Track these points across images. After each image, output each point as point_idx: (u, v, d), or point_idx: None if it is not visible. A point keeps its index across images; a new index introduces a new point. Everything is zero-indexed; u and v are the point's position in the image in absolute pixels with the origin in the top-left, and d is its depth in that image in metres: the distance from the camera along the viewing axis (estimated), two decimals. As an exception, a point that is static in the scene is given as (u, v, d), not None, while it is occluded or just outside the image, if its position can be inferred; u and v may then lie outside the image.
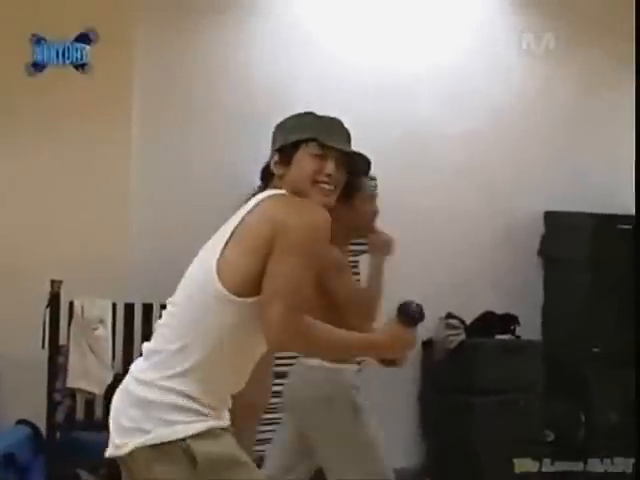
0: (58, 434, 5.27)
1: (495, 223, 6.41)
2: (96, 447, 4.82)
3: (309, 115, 2.55)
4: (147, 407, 2.34)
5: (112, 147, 5.70)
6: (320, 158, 2.42)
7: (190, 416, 2.31)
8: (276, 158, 2.46)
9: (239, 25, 5.86)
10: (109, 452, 2.43)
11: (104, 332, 5.24)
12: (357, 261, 4.72)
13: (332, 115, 2.61)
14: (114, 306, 5.29)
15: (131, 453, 2.35)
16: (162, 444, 2.30)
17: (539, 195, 6.42)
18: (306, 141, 2.43)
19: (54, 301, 5.15)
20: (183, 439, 2.28)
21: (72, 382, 5.23)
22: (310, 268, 2.32)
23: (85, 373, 5.23)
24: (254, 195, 2.48)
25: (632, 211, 5.51)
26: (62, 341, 5.25)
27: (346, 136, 2.52)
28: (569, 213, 6.27)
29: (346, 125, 2.66)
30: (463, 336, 6.08)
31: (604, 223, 5.97)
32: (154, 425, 2.33)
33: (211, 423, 2.33)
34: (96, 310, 5.25)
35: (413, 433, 6.34)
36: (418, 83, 6.23)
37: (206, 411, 2.32)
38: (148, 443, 2.31)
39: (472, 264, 6.41)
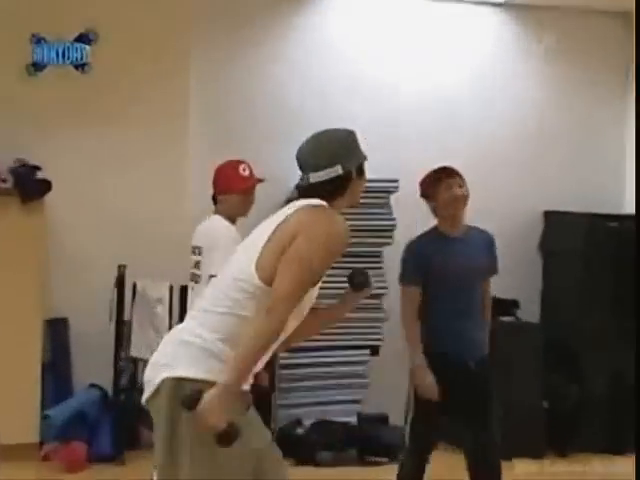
0: (122, 396, 5.65)
1: (502, 221, 6.27)
2: (155, 408, 5.52)
3: (355, 135, 2.63)
4: (180, 346, 2.46)
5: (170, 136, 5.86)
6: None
7: (208, 364, 2.39)
8: (354, 171, 2.57)
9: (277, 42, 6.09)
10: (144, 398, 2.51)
11: (162, 310, 5.43)
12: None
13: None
14: (171, 288, 5.41)
15: (158, 387, 2.44)
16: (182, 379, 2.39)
17: (540, 196, 6.56)
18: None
19: (120, 282, 5.55)
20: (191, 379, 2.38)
21: (134, 352, 5.54)
22: (320, 266, 2.42)
23: (146, 344, 5.38)
24: (291, 200, 2.60)
25: (620, 211, 5.75)
26: (126, 317, 5.61)
27: None
28: (565, 212, 6.41)
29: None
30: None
31: (595, 221, 6.06)
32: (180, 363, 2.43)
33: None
34: (156, 291, 5.50)
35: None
36: (421, 97, 6.36)
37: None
38: (172, 375, 2.41)
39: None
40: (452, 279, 3.96)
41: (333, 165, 2.52)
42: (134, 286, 5.61)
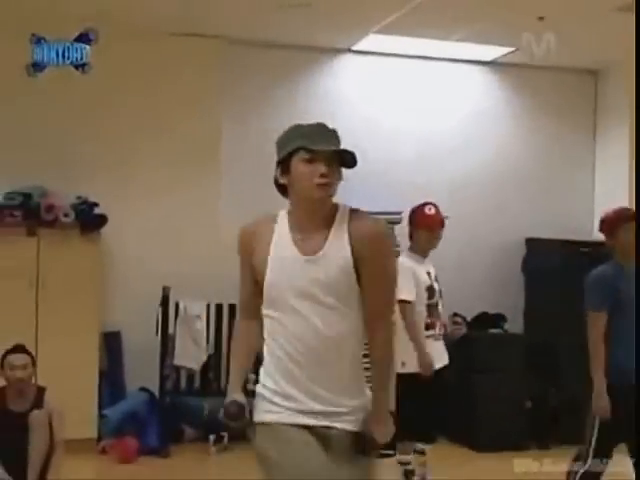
0: (167, 398, 6.17)
1: (490, 248, 7.15)
2: (195, 408, 6.09)
3: (295, 127, 2.47)
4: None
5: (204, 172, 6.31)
6: (310, 162, 2.36)
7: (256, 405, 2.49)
8: (278, 171, 2.46)
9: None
10: None
11: (201, 325, 6.17)
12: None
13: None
14: (208, 306, 6.20)
15: None
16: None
17: (522, 226, 7.14)
18: (296, 151, 2.39)
19: (165, 301, 6.12)
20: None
21: (177, 361, 6.17)
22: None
23: (187, 354, 6.14)
24: None
25: (590, 238, 6.32)
26: (170, 331, 6.18)
27: (332, 136, 2.41)
28: (543, 239, 6.93)
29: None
30: (465, 330, 6.73)
31: (569, 247, 6.62)
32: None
33: (260, 417, 2.45)
34: (195, 309, 6.20)
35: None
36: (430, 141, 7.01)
37: (267, 396, 2.46)
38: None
39: (474, 276, 7.08)
40: (633, 306, 3.95)
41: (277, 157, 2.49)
42: (177, 305, 6.23)
